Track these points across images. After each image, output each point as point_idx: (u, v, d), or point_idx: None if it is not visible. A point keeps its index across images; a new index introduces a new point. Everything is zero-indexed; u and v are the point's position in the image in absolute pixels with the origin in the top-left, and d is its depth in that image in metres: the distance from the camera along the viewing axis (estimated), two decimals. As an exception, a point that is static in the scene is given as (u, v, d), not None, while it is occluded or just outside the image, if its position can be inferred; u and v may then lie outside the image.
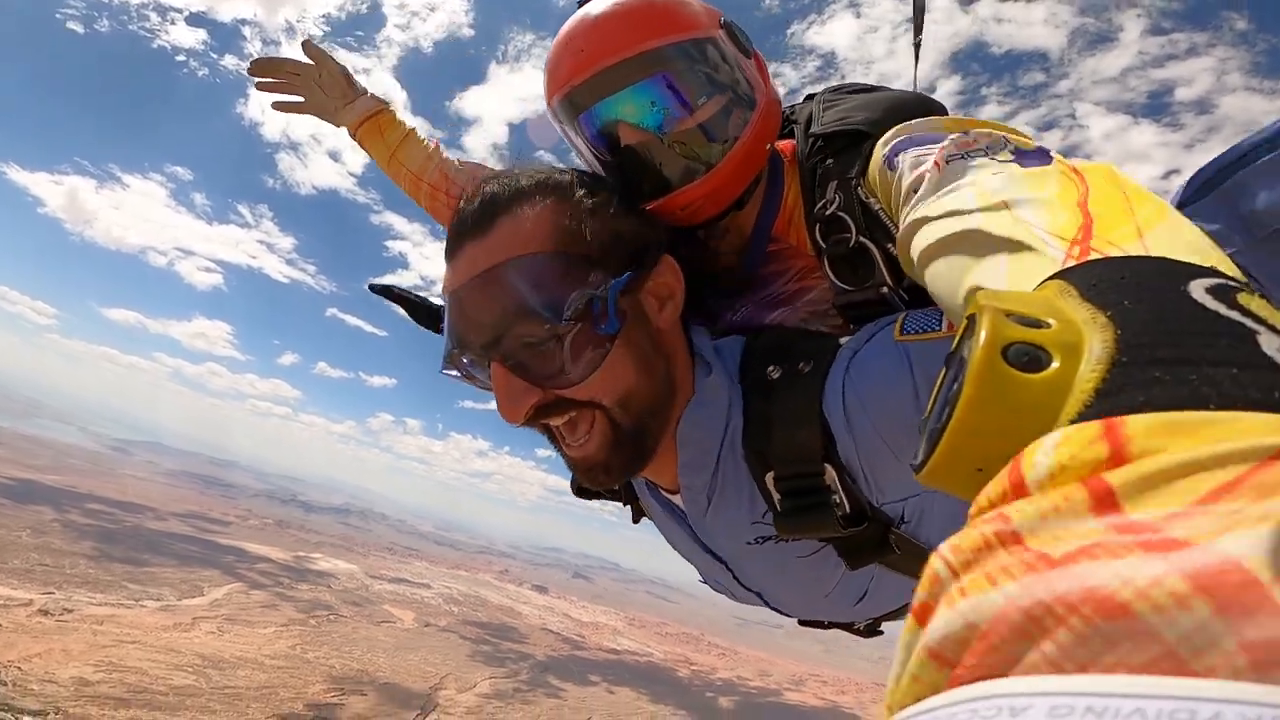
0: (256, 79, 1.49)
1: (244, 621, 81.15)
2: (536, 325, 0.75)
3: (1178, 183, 0.92)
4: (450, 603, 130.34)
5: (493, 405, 0.80)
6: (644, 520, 1.12)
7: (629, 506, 1.10)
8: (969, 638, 0.19)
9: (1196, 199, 0.93)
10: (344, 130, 1.53)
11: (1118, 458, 0.22)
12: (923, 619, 0.22)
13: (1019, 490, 0.23)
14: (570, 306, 0.75)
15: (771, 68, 1.10)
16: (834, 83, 1.21)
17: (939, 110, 1.02)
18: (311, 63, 1.49)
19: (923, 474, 0.33)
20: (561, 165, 0.92)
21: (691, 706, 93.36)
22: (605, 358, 0.77)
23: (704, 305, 0.96)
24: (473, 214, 0.81)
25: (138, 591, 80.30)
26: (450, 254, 0.83)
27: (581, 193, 0.83)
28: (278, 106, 1.53)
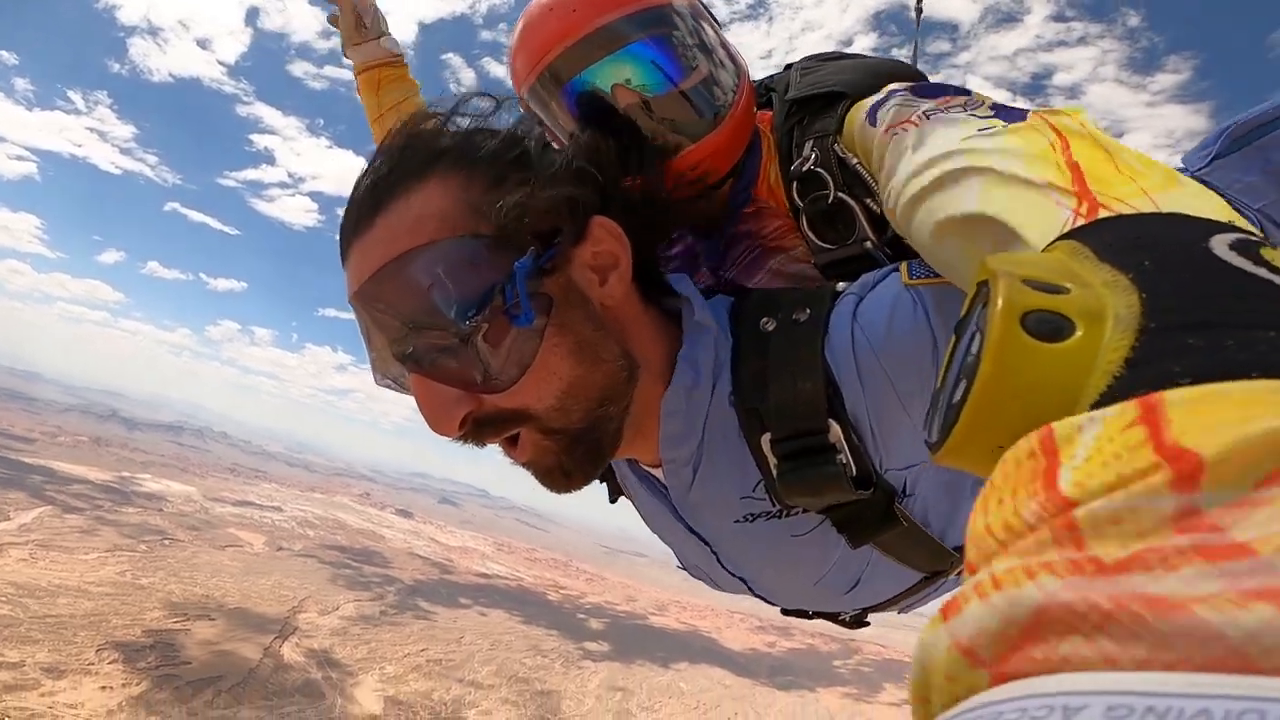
0: None
1: (60, 548, 71.17)
2: (443, 328, 0.64)
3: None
4: (305, 526, 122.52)
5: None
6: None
7: (605, 484, 0.98)
8: (1008, 634, 0.18)
9: (1229, 152, 0.95)
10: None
11: (1160, 445, 0.19)
12: (948, 613, 0.20)
13: (1051, 485, 0.20)
14: (473, 302, 0.63)
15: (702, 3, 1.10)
16: (813, 53, 1.17)
17: (917, 78, 1.01)
18: None
19: (940, 453, 0.31)
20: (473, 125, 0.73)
21: (563, 628, 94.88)
22: (537, 353, 0.66)
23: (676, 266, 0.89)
24: (358, 204, 0.69)
25: (-79, 513, 67.86)
26: (342, 255, 0.71)
27: (487, 157, 0.69)
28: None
